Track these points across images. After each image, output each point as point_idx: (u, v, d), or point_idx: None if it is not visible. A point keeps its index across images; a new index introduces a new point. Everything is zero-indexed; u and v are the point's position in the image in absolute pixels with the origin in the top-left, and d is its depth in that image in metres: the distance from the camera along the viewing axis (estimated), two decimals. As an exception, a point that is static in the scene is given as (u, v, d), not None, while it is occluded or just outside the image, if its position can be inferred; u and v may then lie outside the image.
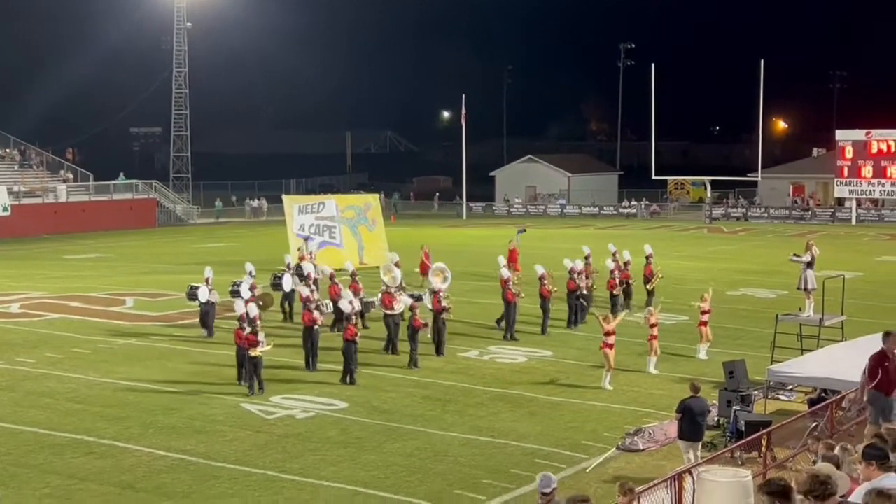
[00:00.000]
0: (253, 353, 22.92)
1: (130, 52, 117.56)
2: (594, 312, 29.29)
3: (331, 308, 29.79)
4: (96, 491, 16.84)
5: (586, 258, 33.85)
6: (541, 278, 30.28)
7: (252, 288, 29.82)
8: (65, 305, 35.52)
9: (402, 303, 27.33)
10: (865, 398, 16.32)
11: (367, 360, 26.15)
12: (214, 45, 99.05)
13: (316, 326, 25.18)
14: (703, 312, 26.66)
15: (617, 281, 32.44)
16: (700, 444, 17.61)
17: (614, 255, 34.20)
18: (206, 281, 30.49)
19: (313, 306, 25.80)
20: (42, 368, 25.83)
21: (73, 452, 18.93)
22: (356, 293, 29.69)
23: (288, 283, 31.33)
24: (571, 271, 31.36)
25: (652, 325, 25.00)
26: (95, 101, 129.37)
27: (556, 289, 30.38)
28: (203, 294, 29.64)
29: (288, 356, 26.45)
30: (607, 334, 23.51)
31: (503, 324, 29.72)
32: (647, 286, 33.57)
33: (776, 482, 8.25)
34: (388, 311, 27.23)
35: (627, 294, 33.42)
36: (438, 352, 27.01)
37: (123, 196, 73.78)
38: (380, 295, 28.67)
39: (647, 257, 34.60)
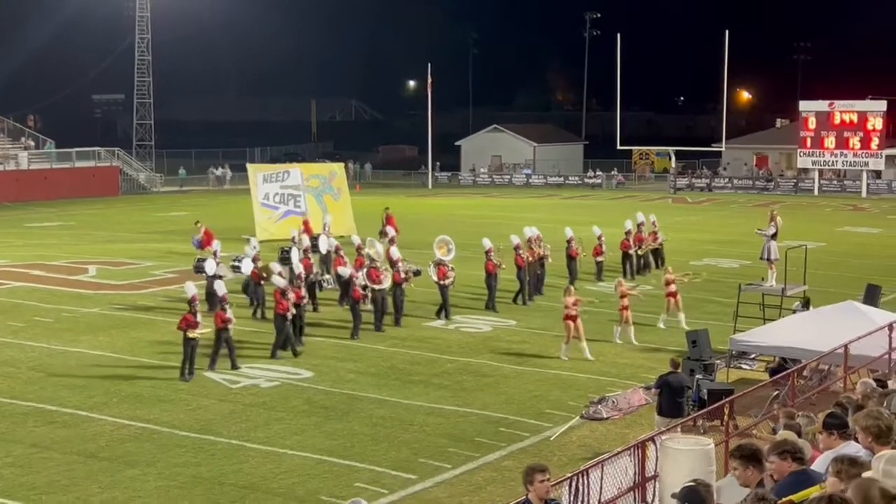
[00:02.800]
0: (191, 334, 21.89)
1: (93, 18, 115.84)
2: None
3: (332, 283, 29.66)
4: (59, 460, 16.77)
5: (639, 225, 35.27)
6: (516, 248, 30.41)
7: (255, 259, 29.46)
8: (26, 274, 35.21)
9: (388, 278, 27.16)
10: None
11: (333, 333, 26.15)
12: (177, 11, 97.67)
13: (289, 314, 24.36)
14: (668, 283, 26.83)
15: (604, 248, 33.00)
16: (678, 420, 17.24)
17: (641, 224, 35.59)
18: (214, 254, 30.23)
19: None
20: (3, 337, 25.62)
21: (36, 421, 18.83)
22: (361, 267, 29.44)
23: (296, 257, 31.00)
24: (529, 240, 31.52)
25: (623, 296, 25.10)
26: (57, 68, 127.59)
27: (532, 258, 30.61)
28: (210, 267, 29.07)
29: (259, 326, 26.43)
30: (568, 305, 23.53)
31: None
32: (638, 251, 34.38)
33: (747, 446, 8.32)
34: (376, 286, 26.98)
35: (629, 261, 34.35)
36: (397, 323, 26.99)
37: (86, 164, 72.96)
38: (365, 269, 28.32)
39: (638, 225, 35.56)
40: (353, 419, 19.03)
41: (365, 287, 26.75)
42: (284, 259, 31.22)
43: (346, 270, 27.55)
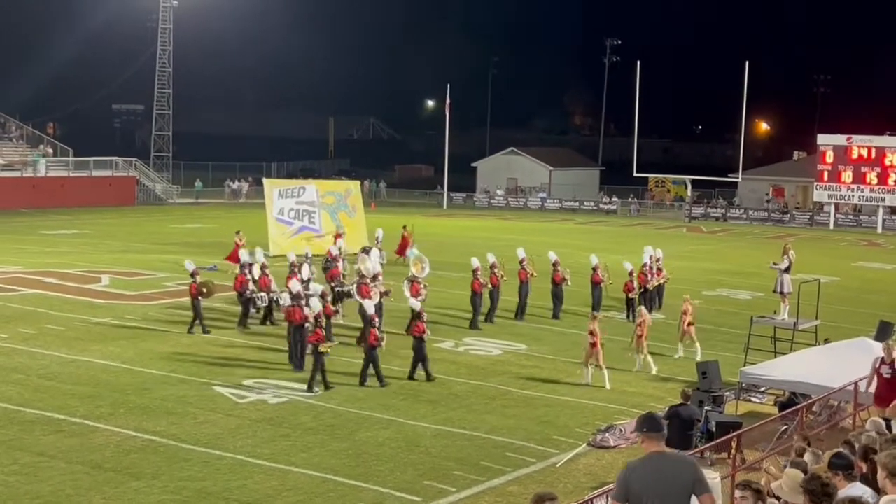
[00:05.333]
0: (322, 348, 22.22)
1: (115, 28, 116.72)
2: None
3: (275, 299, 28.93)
4: (65, 469, 16.76)
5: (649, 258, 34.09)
6: (491, 267, 30.60)
7: (194, 274, 28.58)
8: (39, 281, 35.31)
9: (377, 293, 27.17)
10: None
11: (342, 351, 26.11)
12: (200, 25, 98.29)
13: (307, 324, 24.13)
14: (684, 313, 26.72)
15: (635, 284, 32.26)
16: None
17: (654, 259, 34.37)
18: (262, 267, 30.57)
19: (303, 302, 25.26)
20: (14, 344, 25.69)
21: (43, 430, 18.85)
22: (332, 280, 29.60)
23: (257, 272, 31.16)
24: (522, 262, 31.58)
25: (639, 324, 24.99)
26: (78, 77, 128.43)
27: (506, 278, 31.02)
28: (257, 274, 29.76)
29: (270, 343, 26.48)
30: (591, 333, 23.44)
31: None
32: (649, 286, 33.69)
33: (746, 482, 8.33)
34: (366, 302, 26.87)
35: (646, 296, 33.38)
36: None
37: (103, 173, 73.36)
38: (355, 285, 28.46)
39: (648, 258, 34.73)
40: (359, 438, 18.99)
41: (335, 302, 26.99)
42: (326, 269, 31.78)
43: (317, 287, 27.18)
